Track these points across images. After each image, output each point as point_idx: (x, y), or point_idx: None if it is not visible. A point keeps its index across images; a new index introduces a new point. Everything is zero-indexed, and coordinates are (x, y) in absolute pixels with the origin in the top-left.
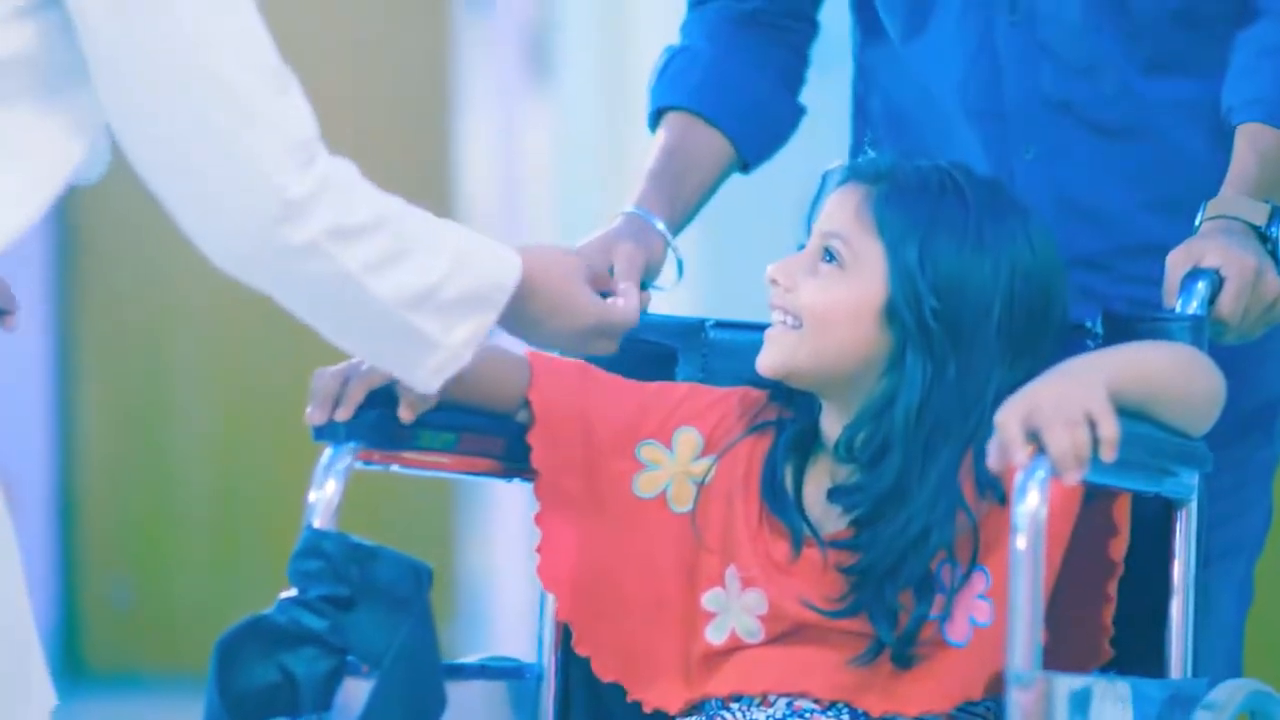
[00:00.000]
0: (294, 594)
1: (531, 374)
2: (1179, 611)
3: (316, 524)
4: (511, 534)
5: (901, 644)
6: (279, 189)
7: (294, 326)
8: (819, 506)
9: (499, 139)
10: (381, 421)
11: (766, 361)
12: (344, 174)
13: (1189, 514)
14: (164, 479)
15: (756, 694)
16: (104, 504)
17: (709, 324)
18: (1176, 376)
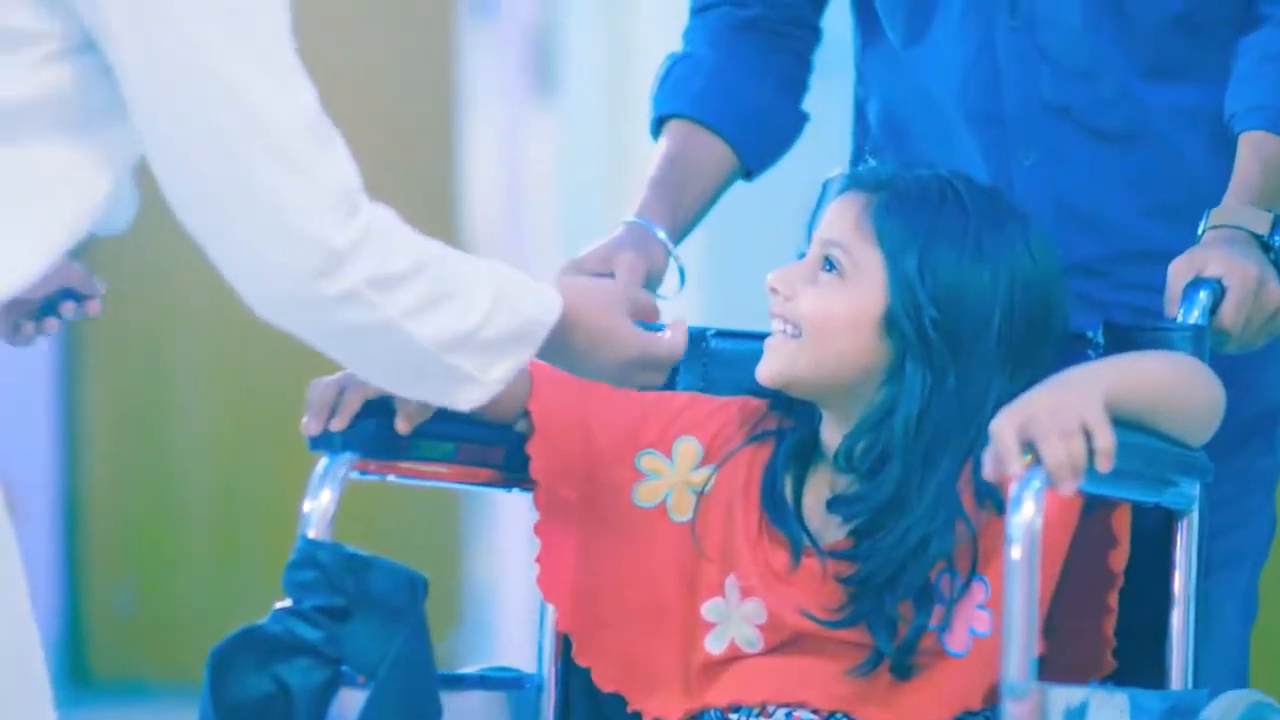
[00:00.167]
0: (289, 604)
1: (531, 384)
2: (1180, 622)
3: (311, 534)
4: (516, 543)
5: (900, 654)
6: (320, 240)
7: None
8: (818, 516)
9: (503, 148)
10: (378, 431)
11: (766, 370)
12: (384, 222)
13: (1190, 524)
14: (167, 486)
15: (755, 704)
16: (107, 511)
17: (710, 333)
18: (1175, 387)
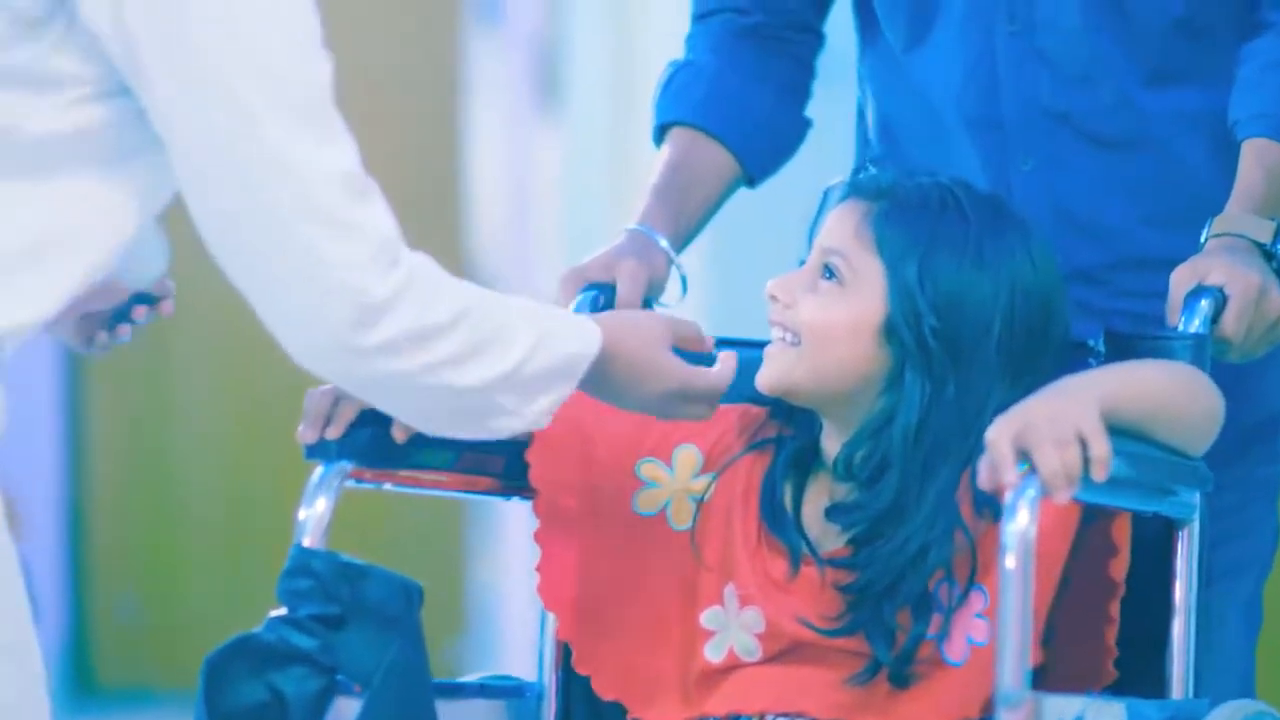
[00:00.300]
0: (283, 613)
1: None
2: (1180, 632)
3: (306, 542)
4: (519, 551)
5: (899, 663)
6: (359, 292)
7: None
8: (818, 525)
9: (508, 156)
10: (374, 439)
11: (765, 378)
12: (423, 273)
13: (1191, 534)
14: (172, 494)
15: (754, 713)
16: (112, 519)
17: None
18: (1173, 395)
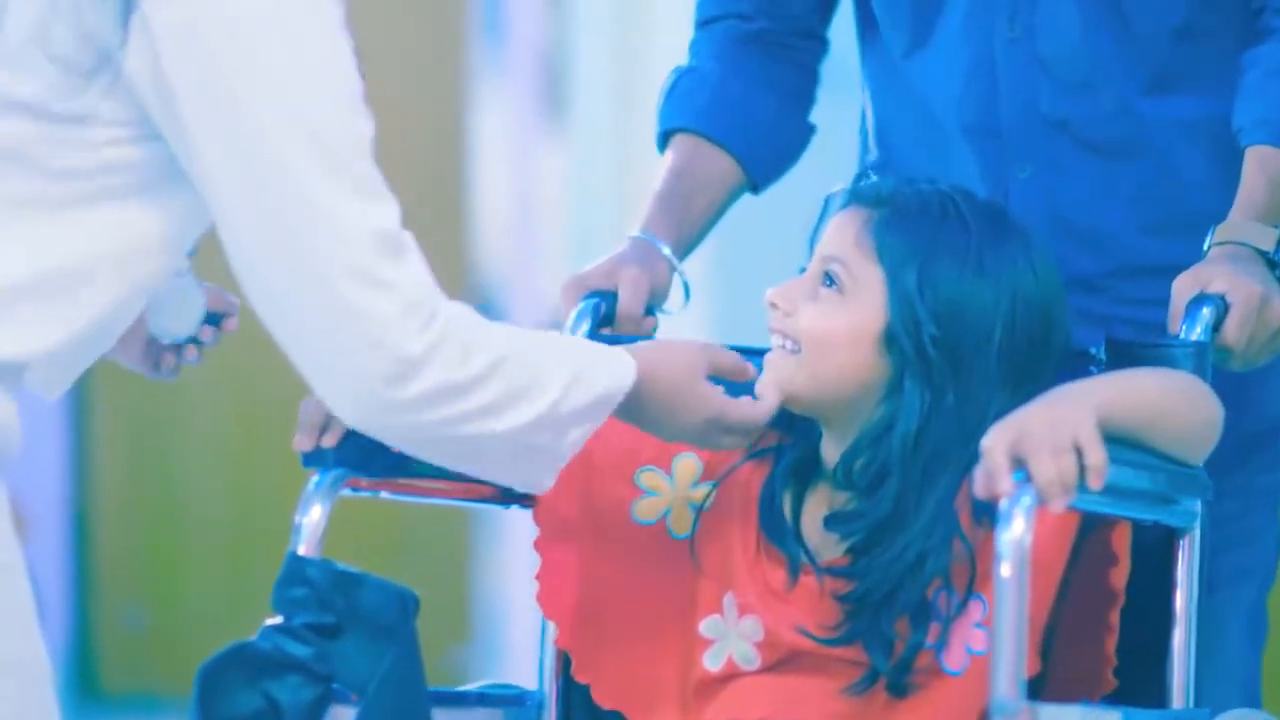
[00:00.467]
0: (278, 621)
1: None
2: (1181, 641)
3: (302, 550)
4: (524, 559)
5: (897, 672)
6: (395, 347)
7: None
8: (817, 533)
9: (513, 166)
10: (371, 447)
11: (765, 386)
12: (459, 324)
13: (1191, 542)
14: (177, 501)
15: None
16: (118, 526)
17: None
18: (1171, 403)
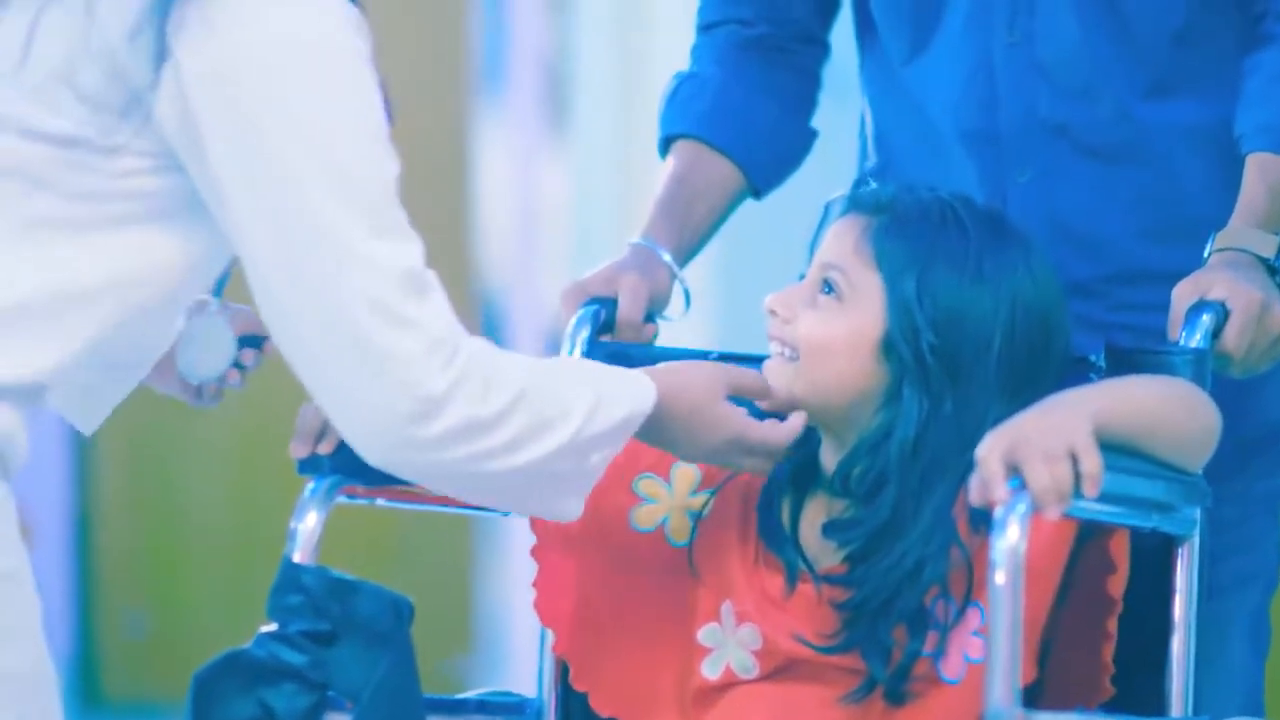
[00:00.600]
0: (273, 628)
1: None
2: (1180, 648)
3: (297, 558)
4: (527, 567)
5: (894, 680)
6: (417, 385)
7: None
8: (815, 541)
9: (516, 176)
10: None
11: None
12: (480, 361)
13: (1191, 549)
14: (180, 507)
15: None
16: (120, 532)
17: (712, 356)
18: (1168, 410)
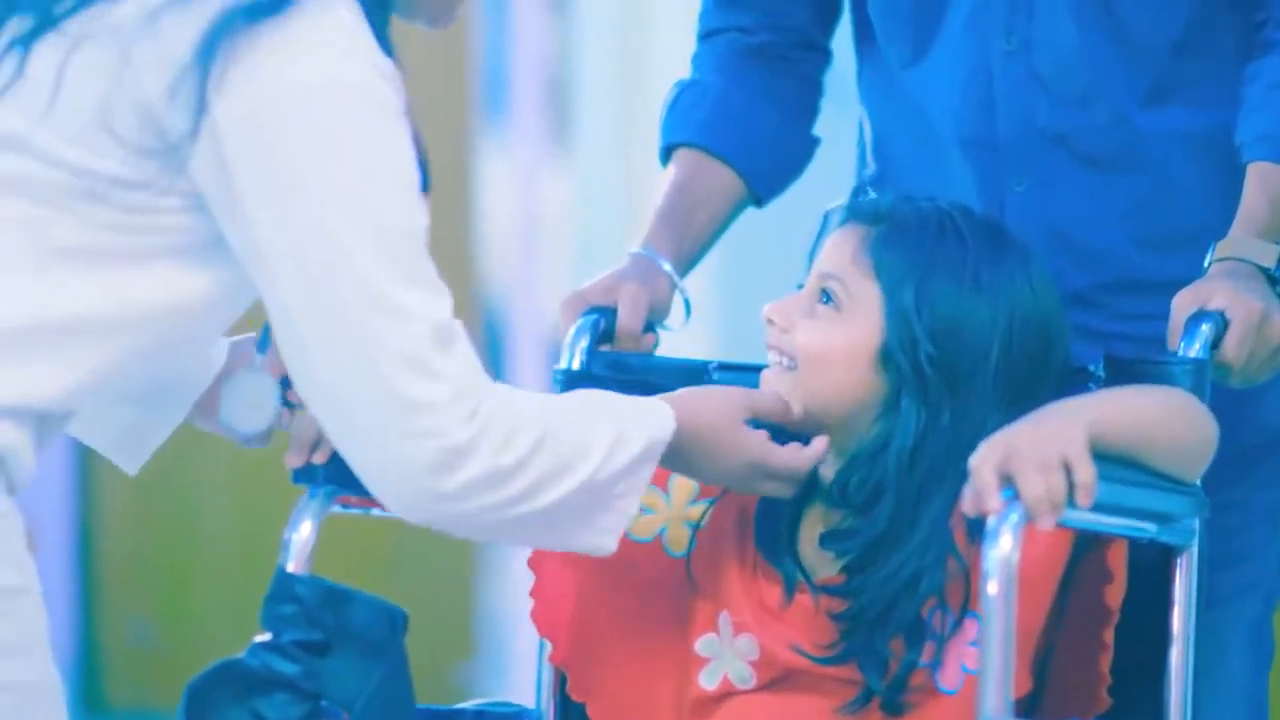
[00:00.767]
0: (267, 638)
1: None
2: (1178, 659)
3: (290, 567)
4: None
5: (891, 691)
6: (440, 436)
7: None
8: (813, 552)
9: (518, 185)
10: None
11: None
12: (502, 408)
13: (1189, 560)
14: (184, 514)
15: None
16: (123, 541)
17: (712, 366)
18: (1164, 420)
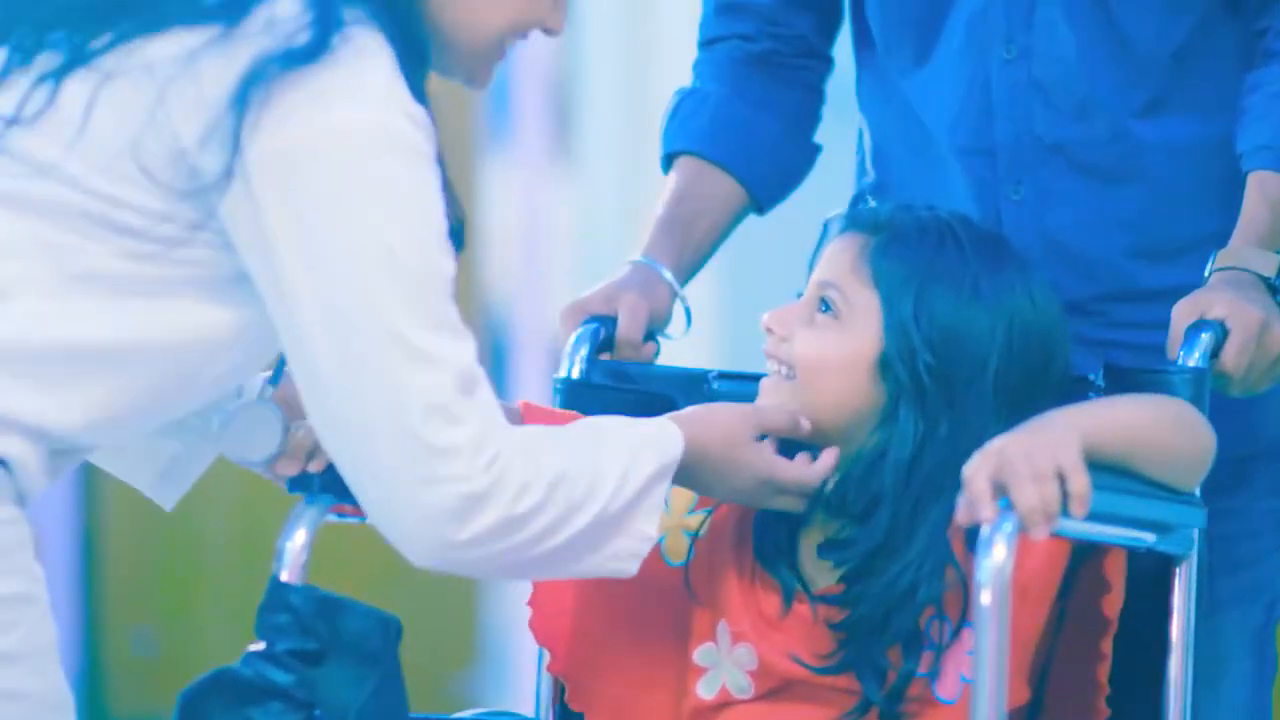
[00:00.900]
0: (261, 647)
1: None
2: (1177, 668)
3: (284, 576)
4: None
5: (889, 701)
6: (461, 481)
7: None
8: (811, 561)
9: (522, 202)
10: None
11: None
12: (519, 455)
13: (1188, 569)
14: (187, 527)
15: None
16: (127, 552)
17: (712, 375)
18: (1160, 429)
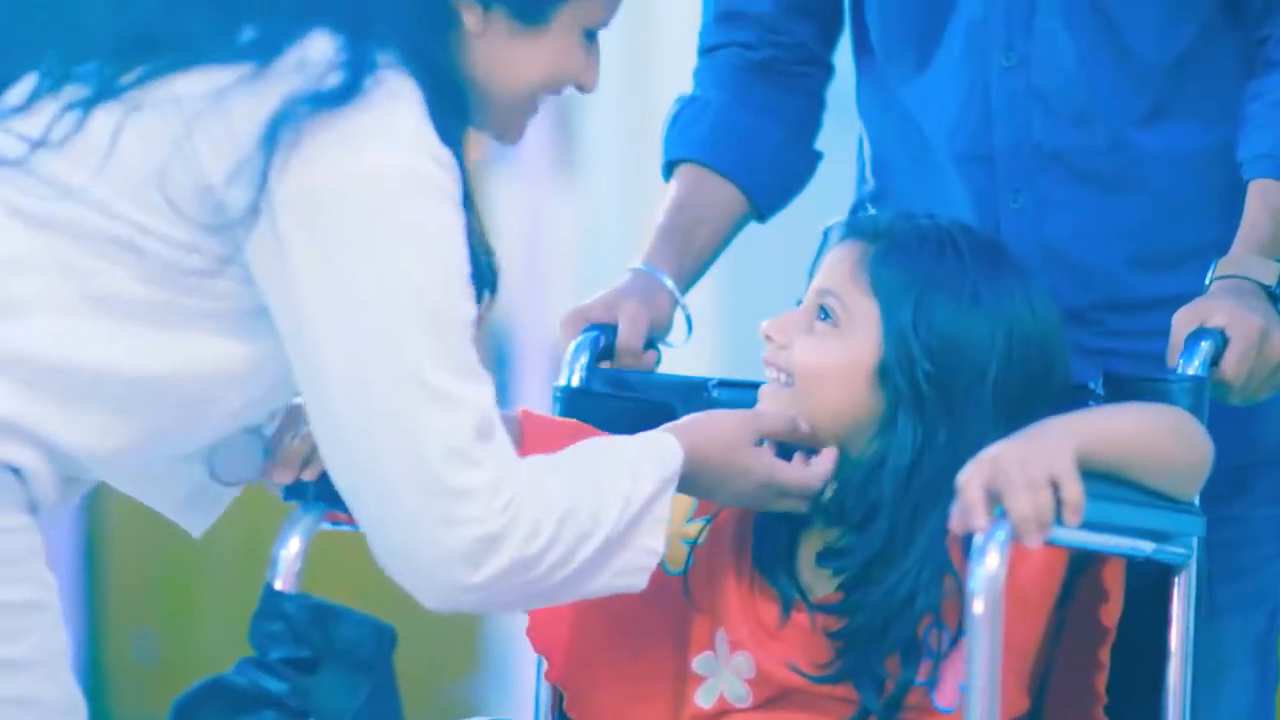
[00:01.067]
0: (255, 655)
1: (522, 435)
2: (1176, 677)
3: (278, 584)
4: None
5: (887, 710)
6: (477, 523)
7: None
8: (810, 570)
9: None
10: None
11: None
12: (530, 495)
13: (1187, 578)
14: (189, 533)
15: None
16: (130, 556)
17: (712, 383)
18: (1156, 438)
